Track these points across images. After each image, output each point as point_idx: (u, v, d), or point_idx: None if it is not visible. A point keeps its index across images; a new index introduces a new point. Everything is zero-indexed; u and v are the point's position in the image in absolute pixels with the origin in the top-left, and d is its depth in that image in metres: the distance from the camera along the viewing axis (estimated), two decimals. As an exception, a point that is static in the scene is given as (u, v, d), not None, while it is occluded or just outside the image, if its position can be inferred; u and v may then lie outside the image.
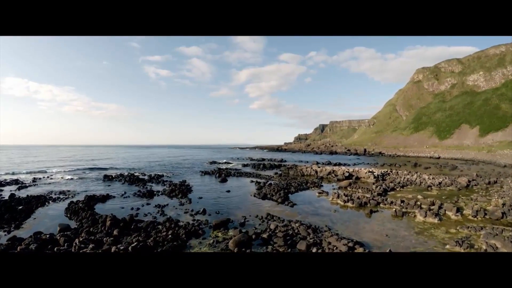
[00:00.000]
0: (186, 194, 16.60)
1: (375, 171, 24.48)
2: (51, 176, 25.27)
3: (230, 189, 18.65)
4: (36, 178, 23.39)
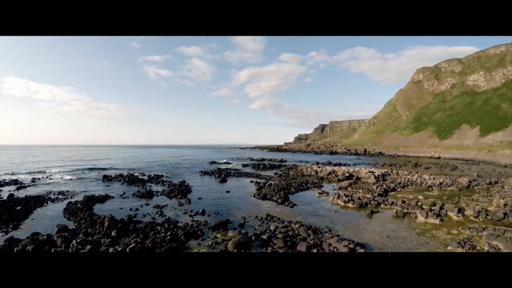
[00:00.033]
0: (186, 195, 16.51)
1: (376, 171, 24.38)
2: (50, 176, 25.19)
3: (230, 190, 18.56)
4: (35, 178, 23.31)
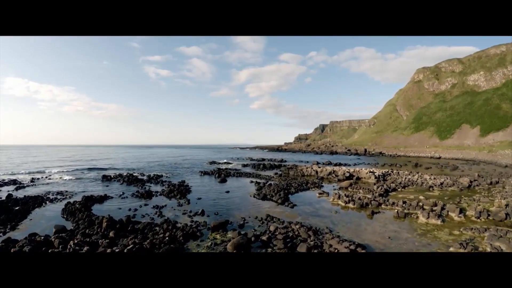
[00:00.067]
0: (185, 195, 16.43)
1: (376, 171, 24.28)
2: (50, 177, 25.11)
3: (230, 190, 18.47)
4: (35, 178, 23.25)
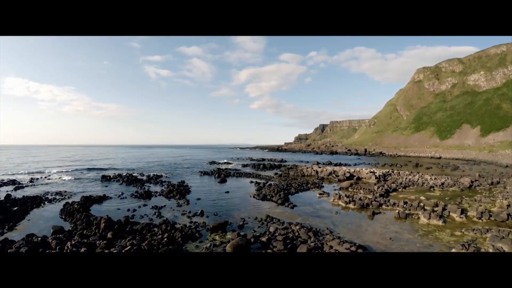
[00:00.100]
0: (184, 195, 16.34)
1: (377, 172, 24.18)
2: (49, 177, 25.03)
3: (229, 190, 18.38)
4: (34, 179, 23.17)
